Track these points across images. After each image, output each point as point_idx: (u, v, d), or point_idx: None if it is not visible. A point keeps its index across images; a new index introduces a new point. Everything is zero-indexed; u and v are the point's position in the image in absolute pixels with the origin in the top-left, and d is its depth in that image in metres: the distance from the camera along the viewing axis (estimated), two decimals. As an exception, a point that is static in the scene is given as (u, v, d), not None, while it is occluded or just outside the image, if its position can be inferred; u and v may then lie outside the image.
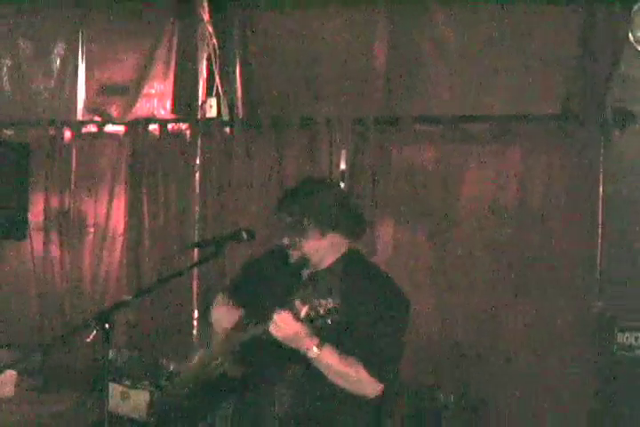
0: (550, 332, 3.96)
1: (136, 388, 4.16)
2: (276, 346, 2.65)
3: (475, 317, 4.08)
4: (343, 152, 4.39)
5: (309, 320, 2.51)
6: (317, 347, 2.55)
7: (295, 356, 2.64)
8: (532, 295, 3.99)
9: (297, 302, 2.53)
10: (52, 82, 5.17)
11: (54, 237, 5.06)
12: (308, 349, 2.56)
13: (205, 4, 4.72)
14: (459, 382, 4.04)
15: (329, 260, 2.79)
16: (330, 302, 2.50)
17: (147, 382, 4.19)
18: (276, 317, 2.54)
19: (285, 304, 2.58)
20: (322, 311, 2.49)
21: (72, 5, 5.06)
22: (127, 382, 4.22)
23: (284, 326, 2.53)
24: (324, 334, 2.57)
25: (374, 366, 2.62)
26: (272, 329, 2.56)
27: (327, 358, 2.59)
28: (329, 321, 2.50)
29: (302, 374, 2.72)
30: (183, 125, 4.82)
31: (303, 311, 2.51)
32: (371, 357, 2.62)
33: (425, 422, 3.87)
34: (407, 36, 4.32)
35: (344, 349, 2.60)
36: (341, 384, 2.65)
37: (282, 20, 4.60)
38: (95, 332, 2.34)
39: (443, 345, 4.14)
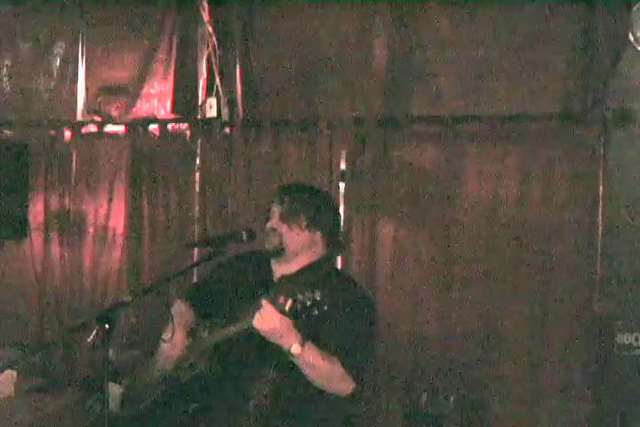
0: (550, 332, 3.96)
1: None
2: (253, 344, 2.72)
3: (474, 317, 4.08)
4: (343, 152, 4.39)
5: (295, 313, 2.52)
6: (300, 343, 2.58)
7: (272, 354, 2.69)
8: (531, 295, 3.99)
9: (280, 297, 2.54)
10: (52, 82, 5.16)
11: (54, 237, 5.06)
12: (291, 344, 2.58)
13: (205, 4, 4.72)
14: (458, 383, 4.03)
15: (303, 259, 2.90)
16: (317, 294, 2.49)
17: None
18: (260, 311, 2.56)
19: (258, 304, 2.61)
20: (308, 303, 2.49)
21: (72, 5, 5.06)
22: (127, 383, 4.21)
23: (268, 319, 2.54)
24: (303, 332, 2.61)
25: (350, 365, 2.68)
26: (256, 323, 2.57)
27: (309, 355, 2.62)
28: (315, 312, 2.50)
29: (279, 372, 2.76)
30: (183, 125, 4.82)
31: (287, 304, 2.51)
32: (347, 356, 2.68)
33: (424, 424, 3.86)
34: (408, 35, 4.31)
35: (320, 347, 2.66)
36: (318, 381, 2.70)
37: (282, 19, 4.59)
38: (95, 332, 2.35)
39: (442, 346, 4.13)
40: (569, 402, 3.90)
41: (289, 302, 2.51)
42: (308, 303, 2.49)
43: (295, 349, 2.58)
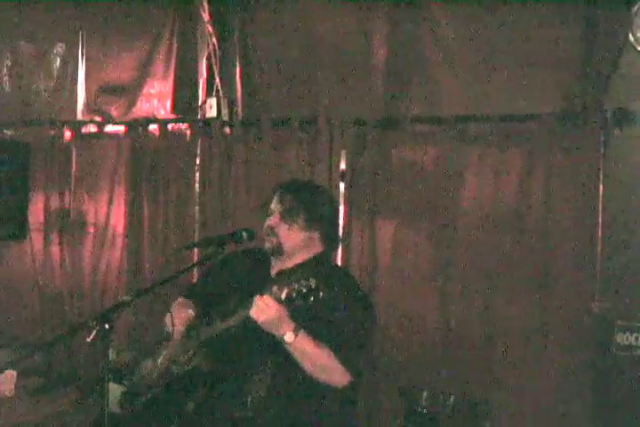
0: (550, 332, 3.95)
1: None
2: (249, 338, 2.75)
3: (474, 317, 4.08)
4: (343, 152, 4.39)
5: (291, 301, 2.55)
6: (294, 331, 2.62)
7: (270, 349, 2.72)
8: (531, 295, 3.98)
9: (274, 288, 2.58)
10: (52, 82, 5.17)
11: (54, 237, 5.07)
12: (285, 333, 2.62)
13: (205, 4, 4.72)
14: (458, 383, 4.03)
15: (300, 256, 2.94)
16: (312, 282, 2.53)
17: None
18: (257, 300, 2.59)
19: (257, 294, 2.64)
20: (304, 290, 2.53)
21: (72, 5, 5.06)
22: (127, 383, 4.21)
23: (266, 308, 2.58)
24: (299, 321, 2.64)
25: (344, 356, 2.71)
26: (254, 313, 2.61)
27: (302, 343, 2.65)
28: (311, 299, 2.53)
29: (277, 366, 2.77)
30: (183, 125, 4.82)
31: (284, 293, 2.56)
32: (341, 346, 2.71)
33: (424, 424, 3.86)
34: (408, 35, 4.31)
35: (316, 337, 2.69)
36: (313, 372, 2.72)
37: (282, 20, 4.59)
38: (95, 332, 2.35)
39: (442, 346, 4.13)
40: (568, 402, 3.90)
41: (285, 291, 2.57)
42: (304, 290, 2.53)
43: (289, 337, 2.62)
